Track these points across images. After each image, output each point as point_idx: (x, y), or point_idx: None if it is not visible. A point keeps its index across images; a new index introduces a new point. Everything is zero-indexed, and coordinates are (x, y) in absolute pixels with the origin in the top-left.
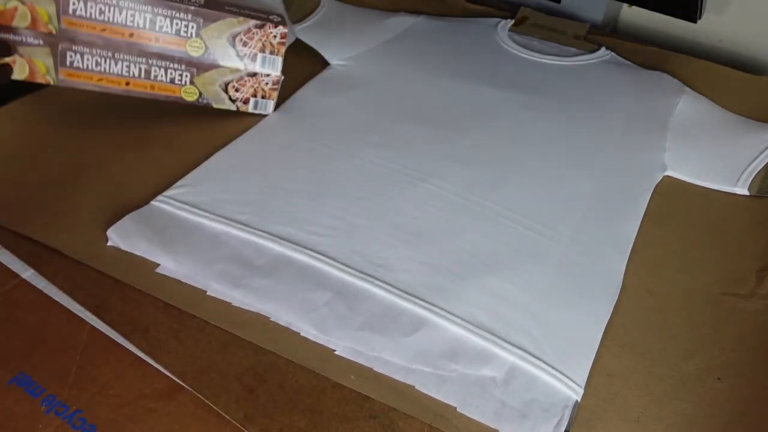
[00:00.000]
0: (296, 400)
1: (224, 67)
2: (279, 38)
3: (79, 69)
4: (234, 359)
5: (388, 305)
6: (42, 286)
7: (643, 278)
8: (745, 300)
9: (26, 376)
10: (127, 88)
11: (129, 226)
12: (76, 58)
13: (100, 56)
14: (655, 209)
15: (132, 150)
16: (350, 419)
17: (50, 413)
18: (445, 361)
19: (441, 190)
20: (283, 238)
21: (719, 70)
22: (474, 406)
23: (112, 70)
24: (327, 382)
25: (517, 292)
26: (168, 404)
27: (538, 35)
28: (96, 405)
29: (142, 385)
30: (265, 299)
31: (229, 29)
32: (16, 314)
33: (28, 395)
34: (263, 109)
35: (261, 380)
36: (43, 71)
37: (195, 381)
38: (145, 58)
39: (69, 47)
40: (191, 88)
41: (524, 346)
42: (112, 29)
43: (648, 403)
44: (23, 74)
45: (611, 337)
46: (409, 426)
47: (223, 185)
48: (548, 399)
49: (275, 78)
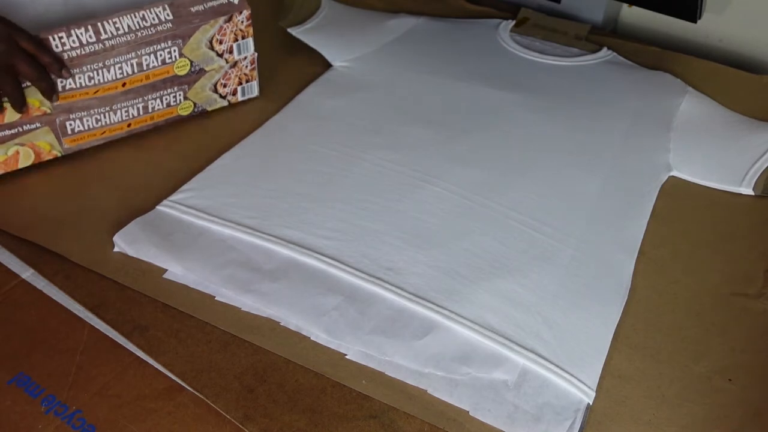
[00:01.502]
0: (296, 399)
1: (210, 70)
2: (246, 21)
3: (82, 132)
4: (234, 359)
5: (398, 309)
6: (42, 286)
7: (651, 279)
8: (754, 300)
9: (26, 376)
10: (130, 129)
11: (135, 231)
12: (77, 124)
13: (99, 113)
14: (660, 210)
15: (135, 154)
16: (350, 419)
17: (50, 413)
18: (457, 365)
19: (448, 192)
20: (291, 242)
21: (720, 69)
22: (487, 410)
23: (113, 120)
24: (327, 382)
25: (527, 294)
26: (168, 404)
27: (539, 36)
28: (95, 405)
29: (142, 385)
30: (274, 304)
31: (204, 36)
32: (16, 314)
33: (28, 395)
34: (250, 93)
35: (261, 380)
36: (48, 149)
37: (195, 380)
38: (140, 97)
39: (67, 117)
40: (186, 103)
41: (536, 349)
42: (104, 88)
43: (659, 405)
44: (29, 160)
45: (621, 338)
46: (409, 425)
47: (229, 189)
48: (560, 402)
49: (251, 58)
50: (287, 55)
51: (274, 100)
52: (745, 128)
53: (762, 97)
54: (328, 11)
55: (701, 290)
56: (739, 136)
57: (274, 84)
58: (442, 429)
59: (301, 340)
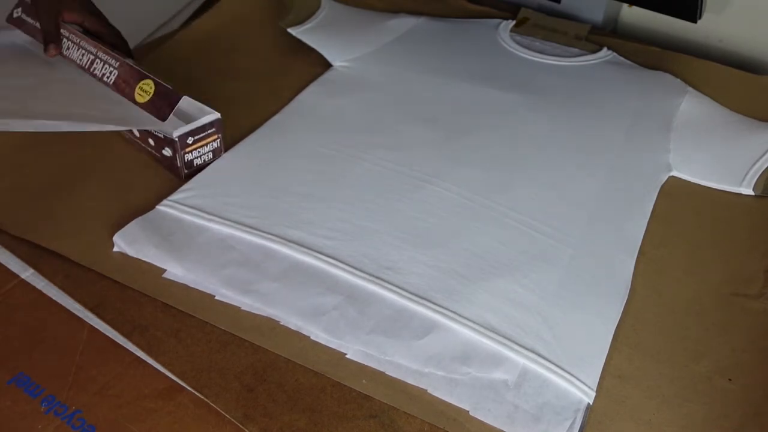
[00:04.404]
0: (296, 399)
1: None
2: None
3: None
4: (234, 358)
5: (398, 308)
6: (42, 286)
7: (651, 279)
8: (754, 300)
9: (25, 376)
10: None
11: (135, 231)
12: None
13: None
14: (660, 210)
15: (135, 153)
16: (350, 418)
17: (50, 413)
18: (457, 365)
19: (448, 192)
20: (291, 241)
21: (720, 69)
22: (487, 410)
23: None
24: (327, 381)
25: (527, 294)
26: (168, 404)
27: (539, 36)
28: (95, 405)
29: (142, 385)
30: (274, 303)
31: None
32: (16, 314)
33: (28, 395)
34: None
35: (261, 379)
36: None
37: (195, 380)
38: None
39: None
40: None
41: (536, 348)
42: None
43: (659, 405)
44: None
45: (621, 338)
46: (408, 425)
47: (229, 188)
48: (560, 402)
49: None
50: (287, 55)
51: (275, 101)
52: (745, 128)
53: (762, 98)
54: (328, 11)
55: (701, 290)
56: (739, 136)
57: (275, 84)
58: (442, 429)
59: (301, 339)
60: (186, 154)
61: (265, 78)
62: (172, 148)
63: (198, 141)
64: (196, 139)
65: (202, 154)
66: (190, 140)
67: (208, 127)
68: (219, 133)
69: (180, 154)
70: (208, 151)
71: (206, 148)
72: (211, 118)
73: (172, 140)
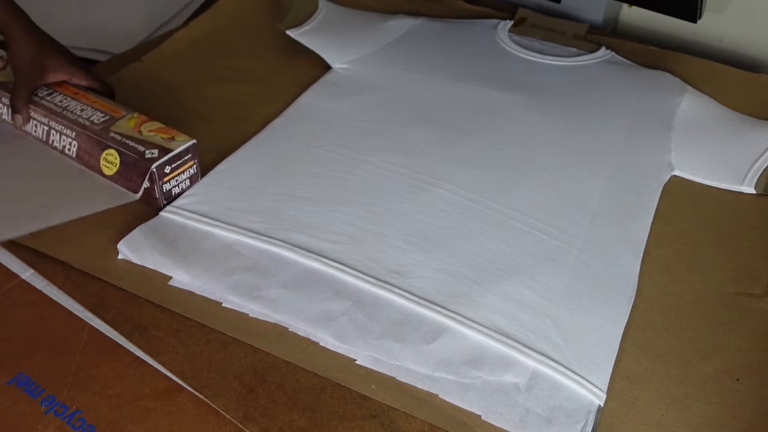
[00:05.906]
0: (296, 399)
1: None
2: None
3: None
4: (234, 358)
5: (406, 313)
6: (42, 286)
7: (656, 279)
8: (759, 299)
9: (25, 376)
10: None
11: (140, 238)
12: None
13: None
14: (663, 209)
15: None
16: (350, 418)
17: (50, 413)
18: (468, 369)
19: (452, 194)
20: (298, 246)
21: (720, 68)
22: (498, 414)
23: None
24: (327, 382)
25: (535, 296)
26: (167, 404)
27: (537, 36)
28: (95, 405)
29: (142, 385)
30: (282, 310)
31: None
32: (16, 314)
33: (28, 395)
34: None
35: (261, 379)
36: None
37: (194, 380)
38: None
39: None
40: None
41: (545, 351)
42: None
43: (669, 406)
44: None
45: (629, 339)
46: (408, 425)
47: (232, 193)
48: (572, 404)
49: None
50: (286, 56)
51: (274, 103)
52: (745, 127)
53: (761, 96)
54: (326, 13)
55: (706, 290)
56: (740, 134)
57: (275, 87)
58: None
59: (310, 345)
60: (164, 184)
61: (264, 79)
62: (149, 180)
63: (175, 169)
64: (173, 167)
65: (180, 182)
66: (167, 169)
67: (184, 153)
68: (195, 158)
69: (158, 184)
70: (185, 178)
71: (183, 175)
72: (187, 145)
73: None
